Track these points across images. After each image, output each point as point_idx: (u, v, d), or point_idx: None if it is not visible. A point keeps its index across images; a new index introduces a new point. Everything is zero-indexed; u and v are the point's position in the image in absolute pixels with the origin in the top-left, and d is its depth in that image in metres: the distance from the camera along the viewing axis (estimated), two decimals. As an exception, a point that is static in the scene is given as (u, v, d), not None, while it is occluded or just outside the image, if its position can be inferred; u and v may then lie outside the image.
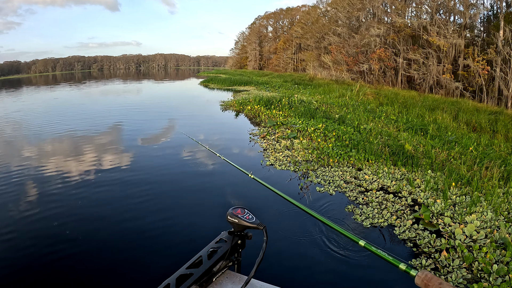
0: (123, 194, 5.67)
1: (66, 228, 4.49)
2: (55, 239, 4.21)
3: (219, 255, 1.15)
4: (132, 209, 5.07)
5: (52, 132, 11.28)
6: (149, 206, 5.14)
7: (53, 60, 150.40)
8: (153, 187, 5.93)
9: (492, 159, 6.99)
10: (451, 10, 25.28)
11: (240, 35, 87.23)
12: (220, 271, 1.15)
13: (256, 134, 9.80)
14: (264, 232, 1.16)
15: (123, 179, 6.43)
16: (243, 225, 1.18)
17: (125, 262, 3.80)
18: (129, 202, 5.35)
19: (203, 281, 1.08)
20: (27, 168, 7.24)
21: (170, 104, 20.28)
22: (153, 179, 6.35)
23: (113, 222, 4.71)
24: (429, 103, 15.42)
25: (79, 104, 20.76)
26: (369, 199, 5.15)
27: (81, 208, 5.10)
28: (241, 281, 1.16)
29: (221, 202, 5.31)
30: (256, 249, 1.13)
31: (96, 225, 4.58)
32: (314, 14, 51.16)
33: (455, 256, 3.76)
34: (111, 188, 5.92)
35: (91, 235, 4.32)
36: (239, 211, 1.20)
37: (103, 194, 5.65)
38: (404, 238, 4.10)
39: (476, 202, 4.91)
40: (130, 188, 5.95)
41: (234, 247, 1.20)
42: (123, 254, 3.95)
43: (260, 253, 1.13)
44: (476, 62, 22.00)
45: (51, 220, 4.66)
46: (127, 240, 4.22)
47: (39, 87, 41.47)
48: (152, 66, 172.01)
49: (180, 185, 6.07)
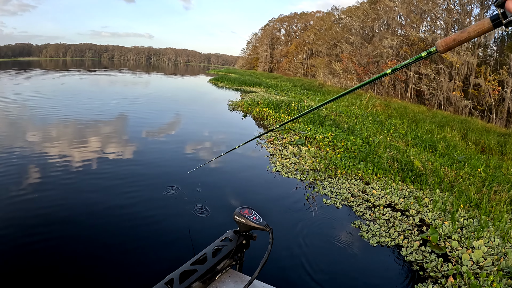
0: (126, 185, 5.60)
1: (67, 215, 4.40)
2: (49, 227, 4.12)
3: (223, 253, 1.16)
4: (137, 200, 5.01)
5: (54, 116, 11.15)
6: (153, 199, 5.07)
7: (64, 46, 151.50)
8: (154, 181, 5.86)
9: (501, 182, 6.89)
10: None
11: (252, 36, 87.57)
12: (224, 269, 1.17)
13: (263, 138, 9.72)
14: (270, 234, 1.18)
15: (120, 170, 6.36)
16: (250, 226, 1.19)
17: (129, 254, 3.73)
18: (132, 193, 5.27)
19: (206, 278, 1.09)
20: (21, 150, 7.13)
21: (177, 99, 20.17)
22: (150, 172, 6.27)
23: (118, 213, 4.62)
24: (439, 120, 15.31)
25: (88, 92, 20.77)
26: (376, 216, 5.05)
27: (86, 196, 5.02)
28: (244, 280, 1.17)
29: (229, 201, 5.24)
30: (256, 250, 1.15)
31: (99, 215, 4.49)
32: (328, 21, 51.13)
33: (462, 283, 3.67)
34: (116, 179, 5.84)
35: (95, 225, 4.23)
36: (247, 211, 1.22)
37: (106, 184, 5.57)
38: (411, 260, 4.01)
39: (484, 226, 4.82)
40: (134, 179, 5.88)
41: (239, 246, 1.21)
42: (128, 246, 3.88)
43: (265, 254, 1.15)
44: (487, 82, 21.89)
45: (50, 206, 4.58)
46: (131, 232, 4.15)
47: (48, 71, 41.63)
48: (162, 59, 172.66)
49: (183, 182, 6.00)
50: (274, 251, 3.31)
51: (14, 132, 8.92)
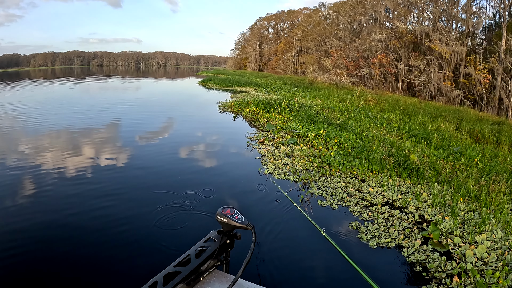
0: (110, 190, 5.63)
1: (49, 222, 4.42)
2: (35, 233, 4.16)
3: (207, 254, 1.16)
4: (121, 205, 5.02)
5: (42, 126, 10.95)
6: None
7: (52, 54, 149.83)
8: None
9: (499, 172, 6.74)
10: (453, 18, 25.13)
11: (240, 36, 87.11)
12: (208, 270, 1.16)
13: (254, 139, 9.46)
14: (252, 233, 1.16)
15: (111, 175, 6.36)
16: (232, 225, 1.18)
17: (112, 258, 3.74)
18: (117, 197, 5.29)
19: (190, 280, 1.09)
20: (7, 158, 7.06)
21: (165, 104, 19.71)
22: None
23: (100, 217, 4.63)
24: (431, 111, 15.18)
25: (78, 99, 20.44)
26: (374, 215, 4.83)
27: (67, 202, 5.07)
28: (229, 280, 1.17)
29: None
30: (251, 250, 1.12)
31: (81, 221, 4.52)
32: (316, 17, 51.06)
33: (467, 282, 3.48)
34: (98, 183, 5.88)
35: (75, 231, 4.26)
36: (229, 211, 1.21)
37: (83, 190, 5.61)
38: (413, 261, 3.80)
39: (485, 219, 4.64)
40: (117, 184, 5.86)
41: (222, 246, 1.21)
42: (110, 251, 3.88)
43: (248, 253, 1.13)
44: (477, 71, 21.86)
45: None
46: (114, 237, 4.17)
47: (37, 81, 40.99)
48: (151, 64, 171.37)
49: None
50: (274, 257, 2.96)
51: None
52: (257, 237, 1.21)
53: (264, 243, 4.08)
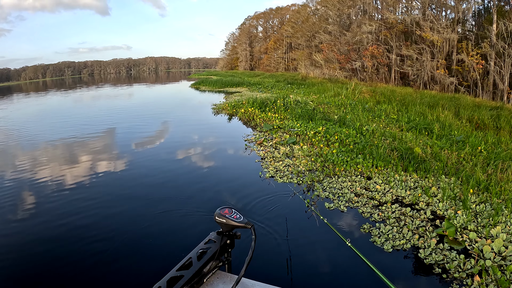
0: (103, 202, 5.59)
1: (54, 229, 4.53)
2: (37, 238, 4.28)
3: (208, 255, 1.16)
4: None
5: (34, 139, 10.70)
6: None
7: (43, 66, 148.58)
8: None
9: (504, 159, 6.59)
10: (442, 5, 25.03)
11: (230, 36, 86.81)
12: (211, 271, 1.16)
13: (251, 141, 9.23)
14: (252, 231, 1.16)
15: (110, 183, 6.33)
16: (231, 225, 1.18)
17: (114, 268, 3.71)
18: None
19: (194, 283, 1.09)
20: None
21: (159, 109, 19.32)
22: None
23: (105, 224, 4.70)
24: (428, 100, 15.01)
25: (72, 108, 20.14)
26: (385, 215, 4.62)
27: (70, 209, 5.15)
28: (232, 280, 1.16)
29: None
30: (257, 249, 1.07)
31: (87, 227, 4.58)
32: (304, 13, 50.88)
33: (489, 281, 3.31)
34: (91, 195, 5.86)
35: (80, 237, 4.30)
36: (227, 211, 1.21)
37: (82, 196, 5.70)
38: (431, 263, 3.60)
39: (498, 210, 4.48)
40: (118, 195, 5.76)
41: (223, 247, 1.21)
42: (115, 256, 3.89)
43: (249, 252, 1.13)
44: (470, 57, 21.77)
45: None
46: (116, 245, 4.15)
47: (29, 94, 40.53)
48: (142, 69, 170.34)
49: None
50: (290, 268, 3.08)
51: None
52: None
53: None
